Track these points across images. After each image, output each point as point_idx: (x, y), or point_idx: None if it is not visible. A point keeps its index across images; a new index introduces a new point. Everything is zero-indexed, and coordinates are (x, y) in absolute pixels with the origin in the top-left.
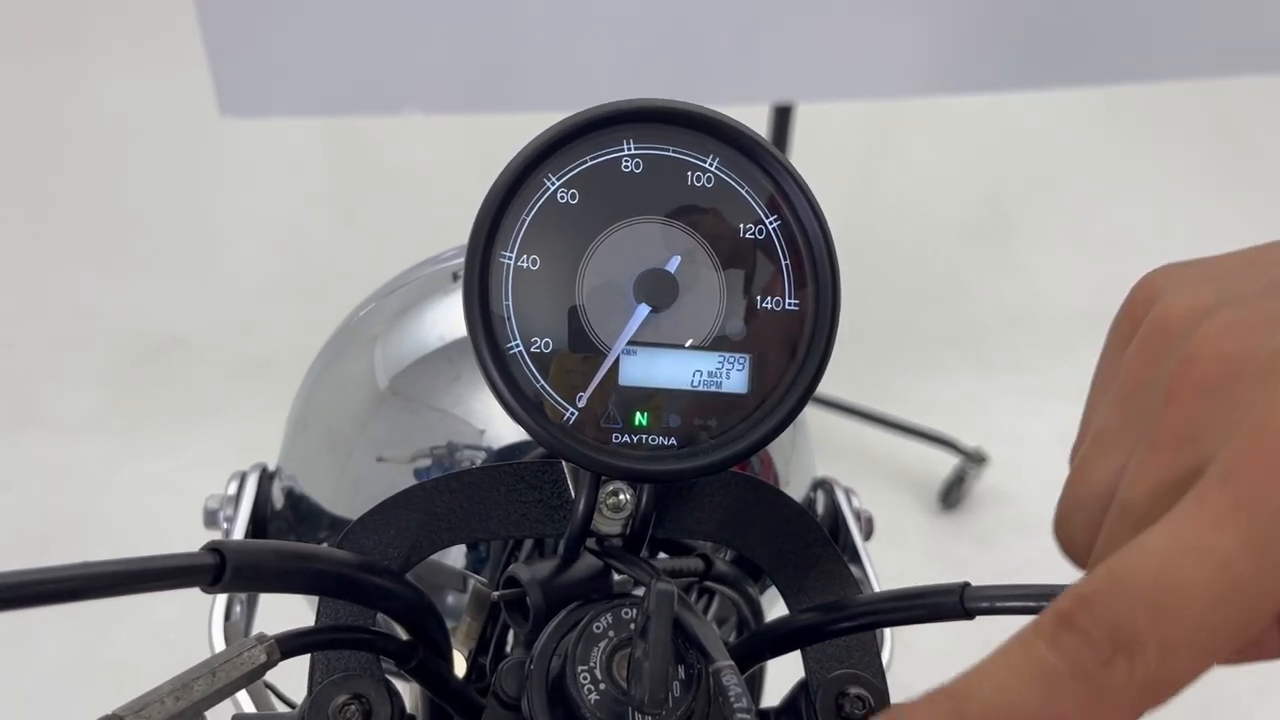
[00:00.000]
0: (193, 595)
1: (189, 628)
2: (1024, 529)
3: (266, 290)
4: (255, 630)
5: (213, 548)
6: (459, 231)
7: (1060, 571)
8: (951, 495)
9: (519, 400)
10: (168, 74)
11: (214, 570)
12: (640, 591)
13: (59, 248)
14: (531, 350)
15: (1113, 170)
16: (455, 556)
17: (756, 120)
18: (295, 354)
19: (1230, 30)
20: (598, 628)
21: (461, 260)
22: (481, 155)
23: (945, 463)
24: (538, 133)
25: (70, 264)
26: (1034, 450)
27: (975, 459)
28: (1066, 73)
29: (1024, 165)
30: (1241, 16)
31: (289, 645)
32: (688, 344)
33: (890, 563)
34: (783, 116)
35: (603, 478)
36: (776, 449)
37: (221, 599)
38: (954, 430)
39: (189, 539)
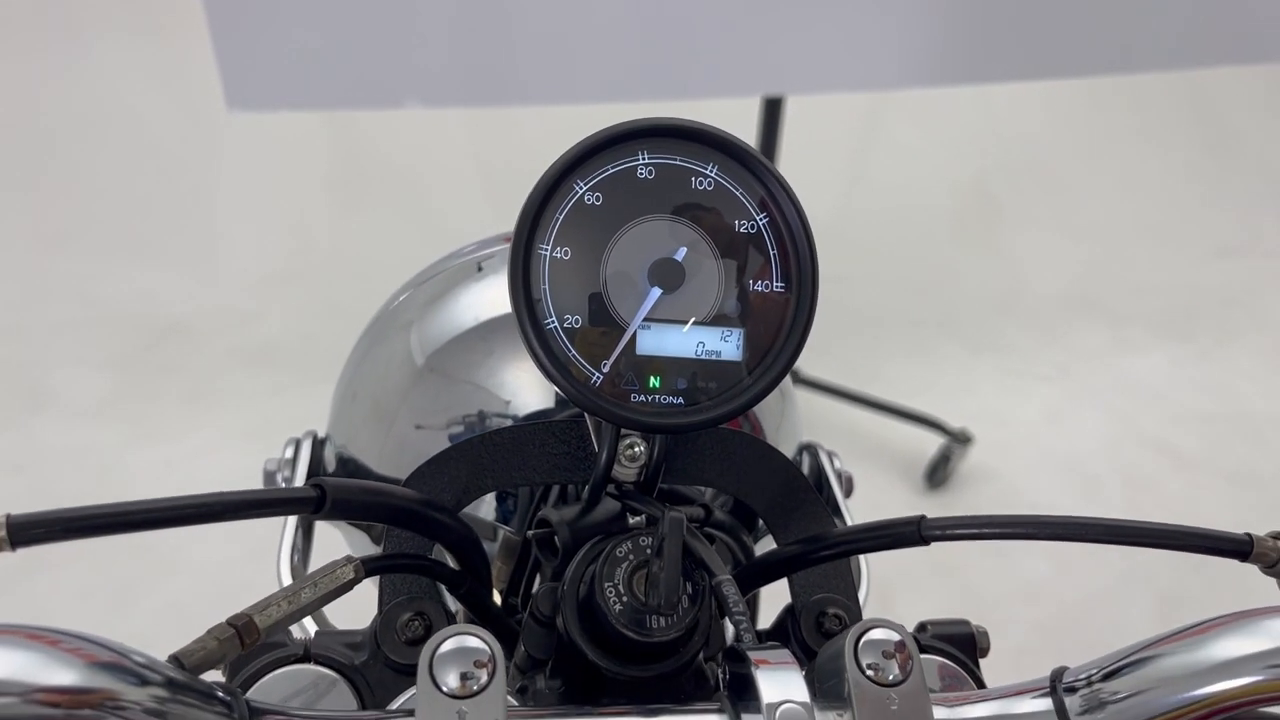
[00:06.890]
0: (208, 572)
1: (206, 597)
2: (1008, 507)
3: (269, 278)
4: (310, 565)
5: (315, 484)
6: (457, 221)
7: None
8: (937, 474)
9: (556, 367)
10: (175, 67)
11: (316, 501)
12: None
13: (66, 236)
14: (564, 326)
15: (1096, 158)
16: (486, 509)
17: (748, 112)
18: (298, 340)
19: (1208, 22)
20: (620, 552)
21: (484, 252)
22: (479, 148)
23: (931, 443)
24: (567, 146)
25: (77, 252)
26: (1018, 430)
27: (960, 439)
28: (1051, 64)
29: (1010, 154)
30: (1219, 9)
31: (371, 565)
32: (692, 320)
33: None
34: (773, 108)
35: (621, 431)
36: (767, 415)
37: (288, 539)
38: (940, 411)
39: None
